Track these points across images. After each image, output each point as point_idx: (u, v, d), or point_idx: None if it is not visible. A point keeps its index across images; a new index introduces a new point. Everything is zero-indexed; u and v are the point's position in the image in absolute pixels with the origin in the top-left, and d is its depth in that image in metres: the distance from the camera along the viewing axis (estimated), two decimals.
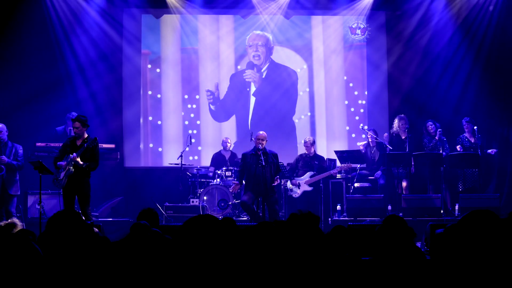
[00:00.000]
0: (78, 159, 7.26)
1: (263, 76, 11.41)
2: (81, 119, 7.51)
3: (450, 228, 3.25)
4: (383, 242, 3.41)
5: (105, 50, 10.91)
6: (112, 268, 2.79)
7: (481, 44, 10.70)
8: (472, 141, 9.73)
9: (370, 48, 11.33)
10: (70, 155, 7.33)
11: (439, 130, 9.77)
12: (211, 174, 10.22)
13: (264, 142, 8.27)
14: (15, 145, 8.31)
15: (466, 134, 9.82)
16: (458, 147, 9.72)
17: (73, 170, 7.32)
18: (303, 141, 10.01)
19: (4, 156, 8.10)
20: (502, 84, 10.55)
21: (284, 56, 11.48)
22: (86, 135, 7.54)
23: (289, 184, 9.46)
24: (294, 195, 9.42)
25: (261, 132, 8.42)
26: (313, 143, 9.85)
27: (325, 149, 11.13)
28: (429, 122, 9.93)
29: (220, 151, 10.56)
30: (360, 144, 10.36)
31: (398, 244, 3.34)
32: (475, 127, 9.68)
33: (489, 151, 9.80)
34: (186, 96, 11.38)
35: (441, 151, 9.62)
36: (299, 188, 9.36)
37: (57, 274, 2.65)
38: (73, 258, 2.75)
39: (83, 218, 7.07)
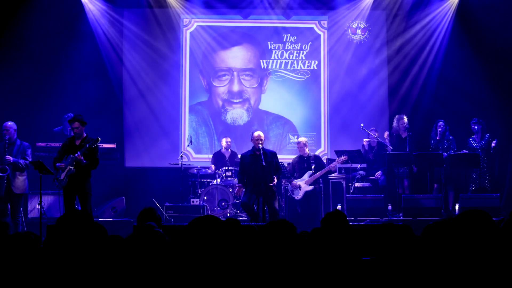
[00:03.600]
0: (82, 158, 7.23)
1: (264, 93, 11.45)
2: (79, 119, 7.46)
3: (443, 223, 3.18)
4: None
5: (106, 50, 10.92)
6: (115, 268, 2.79)
7: (482, 43, 10.69)
8: (477, 142, 9.69)
9: (370, 48, 11.33)
10: (71, 155, 7.30)
11: (439, 130, 9.75)
12: (211, 172, 10.22)
13: (262, 142, 8.24)
14: (23, 144, 8.19)
15: (474, 136, 9.77)
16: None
17: (74, 169, 7.29)
18: (296, 142, 9.99)
19: (9, 156, 7.99)
20: (502, 83, 10.54)
21: (282, 59, 11.49)
22: (85, 134, 7.52)
23: (290, 187, 9.45)
24: (296, 197, 9.40)
25: (258, 132, 8.39)
26: (306, 143, 9.73)
27: (326, 149, 11.13)
28: (440, 122, 9.86)
29: (220, 149, 10.56)
30: (365, 140, 10.19)
31: None
32: (475, 127, 9.65)
33: (492, 144, 9.66)
34: (187, 96, 11.38)
35: (451, 151, 9.58)
36: (300, 190, 9.35)
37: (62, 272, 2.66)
38: (81, 258, 2.75)
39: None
